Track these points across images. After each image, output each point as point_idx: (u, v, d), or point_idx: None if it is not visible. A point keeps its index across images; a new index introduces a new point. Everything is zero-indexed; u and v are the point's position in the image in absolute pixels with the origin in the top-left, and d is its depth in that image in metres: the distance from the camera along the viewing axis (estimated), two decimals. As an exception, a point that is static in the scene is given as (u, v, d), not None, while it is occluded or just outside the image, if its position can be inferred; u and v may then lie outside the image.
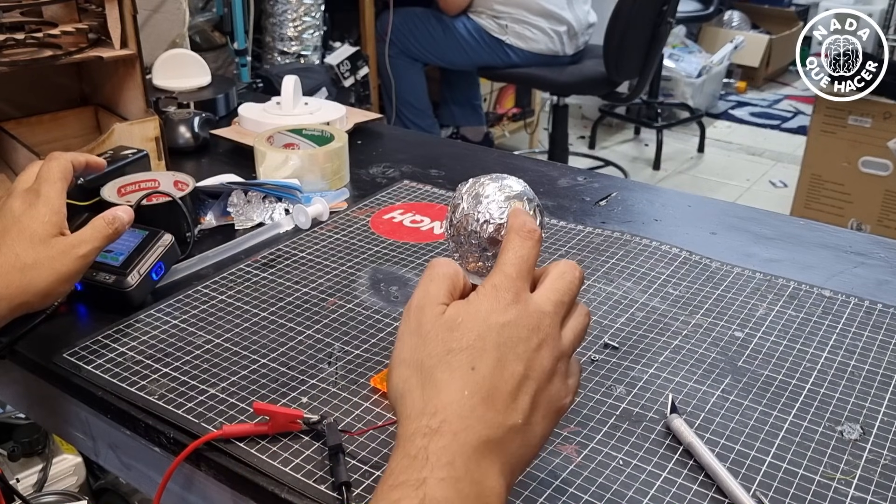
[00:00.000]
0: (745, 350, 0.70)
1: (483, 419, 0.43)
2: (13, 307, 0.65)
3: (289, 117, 1.14)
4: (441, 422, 0.43)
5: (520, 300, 0.47)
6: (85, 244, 0.67)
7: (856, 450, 0.59)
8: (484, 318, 0.46)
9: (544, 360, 0.46)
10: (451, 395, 0.44)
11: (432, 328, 0.46)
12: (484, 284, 0.48)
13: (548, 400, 0.46)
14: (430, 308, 0.47)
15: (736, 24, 4.70)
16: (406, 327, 0.48)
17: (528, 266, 0.48)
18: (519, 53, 2.80)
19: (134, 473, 0.72)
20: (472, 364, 0.45)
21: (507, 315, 0.46)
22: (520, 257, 0.48)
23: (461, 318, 0.46)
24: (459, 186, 0.60)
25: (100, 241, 0.68)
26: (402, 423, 0.45)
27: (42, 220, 0.66)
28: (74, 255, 0.66)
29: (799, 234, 0.92)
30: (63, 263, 0.65)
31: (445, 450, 0.42)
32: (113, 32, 0.97)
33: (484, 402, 0.44)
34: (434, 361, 0.45)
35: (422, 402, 0.44)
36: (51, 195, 0.67)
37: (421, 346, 0.46)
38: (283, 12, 2.52)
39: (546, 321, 0.47)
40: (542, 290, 0.48)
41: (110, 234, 0.69)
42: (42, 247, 0.65)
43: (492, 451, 0.43)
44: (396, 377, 0.47)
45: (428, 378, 0.45)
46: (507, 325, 0.46)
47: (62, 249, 0.65)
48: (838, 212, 2.72)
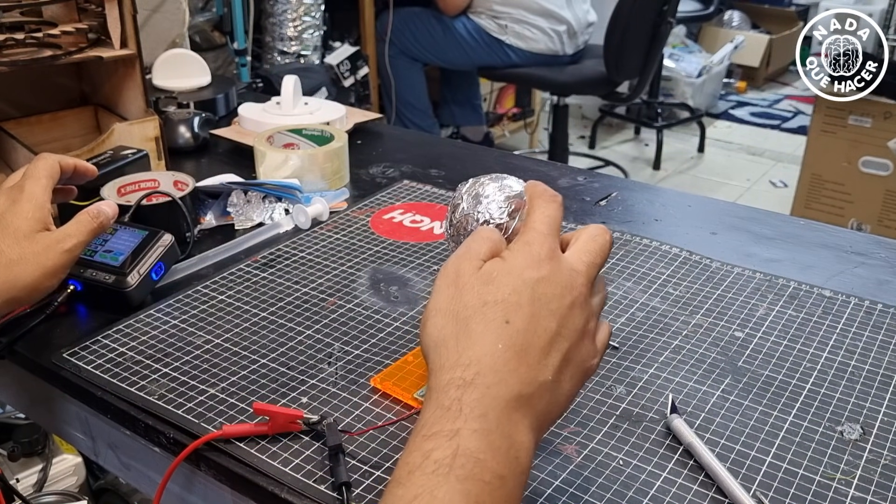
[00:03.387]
0: (746, 350, 0.70)
1: (516, 373, 0.44)
2: (1, 303, 0.65)
3: (289, 117, 1.14)
4: (475, 374, 0.44)
5: (553, 257, 0.48)
6: (70, 238, 0.67)
7: (856, 450, 0.59)
8: (519, 273, 0.46)
9: (576, 319, 0.47)
10: (485, 348, 0.45)
11: (469, 280, 0.47)
12: (517, 241, 0.49)
13: (577, 359, 0.47)
14: (468, 262, 0.48)
15: (736, 24, 4.70)
16: (444, 279, 0.48)
17: (557, 225, 0.50)
18: (519, 53, 2.80)
19: (134, 473, 0.72)
20: (506, 317, 0.45)
21: (541, 271, 0.47)
22: (548, 216, 0.50)
23: (497, 272, 0.47)
24: (459, 186, 0.60)
25: (84, 236, 0.68)
26: (435, 373, 0.46)
27: (26, 216, 0.66)
28: (60, 250, 0.66)
29: (799, 234, 0.92)
30: (48, 258, 0.66)
31: (479, 402, 0.43)
32: (113, 32, 0.97)
33: (517, 356, 0.44)
34: (469, 312, 0.46)
35: (456, 353, 0.45)
36: (35, 191, 0.68)
37: (457, 296, 0.47)
38: (283, 12, 2.52)
39: (579, 280, 0.48)
40: (574, 251, 0.49)
41: (95, 227, 0.69)
42: (27, 242, 0.65)
43: (522, 405, 0.44)
44: (431, 326, 0.47)
45: (463, 328, 0.46)
46: (541, 281, 0.46)
47: (47, 244, 0.66)
48: (838, 212, 2.72)
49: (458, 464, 0.41)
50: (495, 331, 0.45)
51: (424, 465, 0.41)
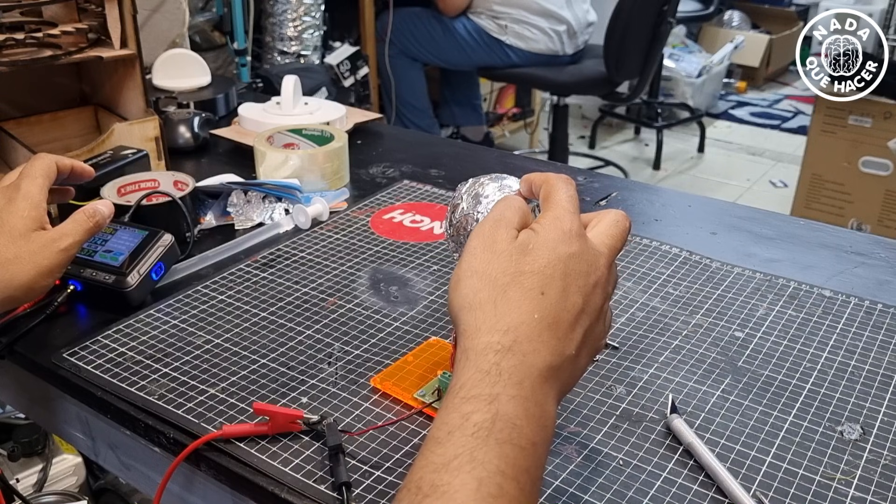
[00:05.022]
0: (746, 350, 0.70)
1: (548, 344, 0.45)
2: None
3: (289, 117, 1.14)
4: (513, 341, 0.45)
5: (582, 235, 0.49)
6: (66, 237, 0.67)
7: (856, 450, 0.59)
8: (553, 247, 0.48)
9: (597, 298, 0.49)
10: (522, 316, 0.46)
11: (506, 247, 0.48)
12: (545, 216, 0.50)
13: (594, 337, 0.49)
14: (504, 229, 0.49)
15: (736, 24, 4.70)
16: (479, 241, 0.49)
17: (578, 205, 0.51)
18: (519, 53, 2.80)
19: (134, 473, 0.72)
20: (541, 289, 0.46)
21: (572, 247, 0.48)
22: (571, 196, 0.51)
23: (532, 243, 0.48)
24: (459, 186, 0.60)
25: (80, 235, 0.68)
26: (471, 335, 0.46)
27: (21, 214, 0.66)
28: (55, 249, 0.66)
29: (799, 234, 0.92)
30: (44, 257, 0.65)
31: (517, 369, 0.44)
32: (113, 32, 0.97)
33: (549, 328, 0.46)
34: (508, 279, 0.47)
35: (494, 318, 0.46)
36: (31, 190, 0.67)
37: (494, 261, 0.48)
38: (283, 12, 2.52)
39: (601, 261, 0.49)
40: (597, 233, 0.51)
41: (91, 227, 0.69)
42: (22, 241, 0.65)
43: (552, 376, 0.45)
44: (466, 287, 0.48)
45: (501, 294, 0.46)
46: (572, 257, 0.48)
47: (43, 243, 0.66)
48: (839, 212, 2.72)
49: (498, 427, 0.42)
50: (532, 300, 0.46)
51: (464, 426, 0.42)
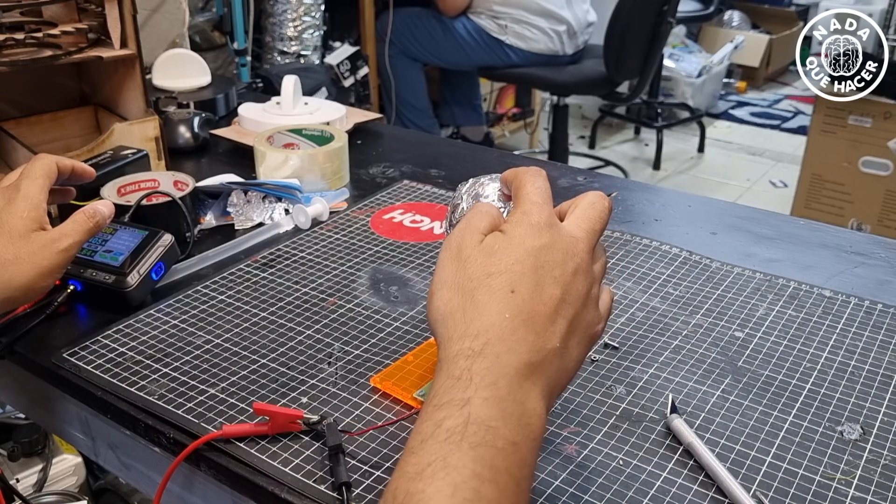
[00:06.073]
0: (745, 350, 0.70)
1: (524, 341, 0.45)
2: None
3: (289, 117, 1.14)
4: (484, 344, 0.44)
5: (552, 224, 0.48)
6: (66, 238, 0.67)
7: (856, 450, 0.59)
8: (520, 243, 0.47)
9: (579, 285, 0.48)
10: (492, 318, 0.45)
11: (472, 253, 0.48)
12: (513, 213, 0.50)
13: (583, 325, 0.48)
14: (470, 236, 0.49)
15: (736, 24, 4.70)
16: (447, 254, 0.49)
17: (549, 194, 0.50)
18: (519, 53, 2.80)
19: (134, 473, 0.72)
20: (511, 287, 0.46)
21: (542, 239, 0.47)
22: (538, 188, 0.50)
23: (499, 244, 0.48)
24: (459, 186, 0.60)
25: (80, 235, 0.68)
26: (444, 345, 0.46)
27: (21, 215, 0.66)
28: (55, 249, 0.66)
29: (799, 234, 0.92)
30: (44, 258, 0.65)
31: (489, 371, 0.44)
32: (113, 32, 0.97)
33: (524, 324, 0.45)
34: (475, 284, 0.47)
35: (464, 324, 0.46)
36: (30, 191, 0.67)
37: (461, 269, 0.48)
38: (283, 12, 2.52)
39: (580, 246, 0.48)
40: (573, 218, 0.50)
41: (91, 227, 0.69)
42: (22, 242, 0.65)
43: (532, 372, 0.45)
44: (438, 299, 0.48)
45: (469, 300, 0.46)
46: (542, 249, 0.47)
47: (42, 244, 0.65)
48: (838, 212, 2.72)
49: (471, 431, 0.42)
50: (501, 300, 0.46)
51: (437, 433, 0.42)
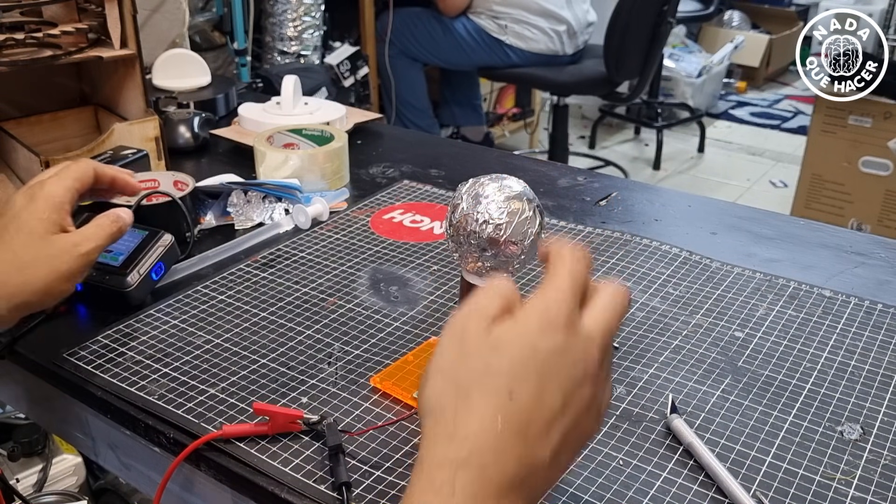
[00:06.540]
0: (746, 350, 0.70)
1: (513, 453, 0.41)
2: (12, 307, 0.63)
3: (289, 117, 1.14)
4: (469, 452, 0.41)
5: (571, 325, 0.43)
6: (87, 242, 0.64)
7: (856, 450, 0.59)
8: (530, 341, 0.42)
9: (584, 393, 0.43)
10: (483, 423, 0.41)
11: (475, 342, 0.43)
12: (532, 299, 0.44)
13: (578, 434, 0.44)
14: (476, 321, 0.44)
15: (736, 24, 4.70)
16: (449, 336, 0.45)
17: (583, 285, 0.45)
18: (519, 53, 2.80)
19: (134, 473, 0.72)
20: (510, 389, 0.42)
21: (555, 339, 0.42)
22: (573, 273, 0.45)
23: (506, 336, 0.43)
24: (459, 186, 0.60)
25: (103, 240, 0.66)
26: (428, 442, 0.43)
27: (40, 216, 0.63)
28: (75, 254, 0.63)
29: (799, 234, 0.92)
30: (63, 261, 0.63)
31: (471, 484, 0.41)
32: (113, 32, 0.97)
33: (516, 434, 0.41)
34: (472, 380, 0.42)
35: (453, 426, 0.42)
36: (54, 191, 0.64)
37: (461, 359, 0.43)
38: (283, 12, 2.52)
39: (593, 350, 0.44)
40: (593, 314, 0.45)
41: (113, 232, 0.67)
42: (41, 244, 0.62)
43: (517, 487, 0.41)
44: (430, 388, 0.44)
45: (463, 398, 0.42)
46: (553, 352, 0.42)
47: (62, 247, 0.63)
48: (838, 212, 2.72)
49: None
50: (496, 405, 0.41)
51: None
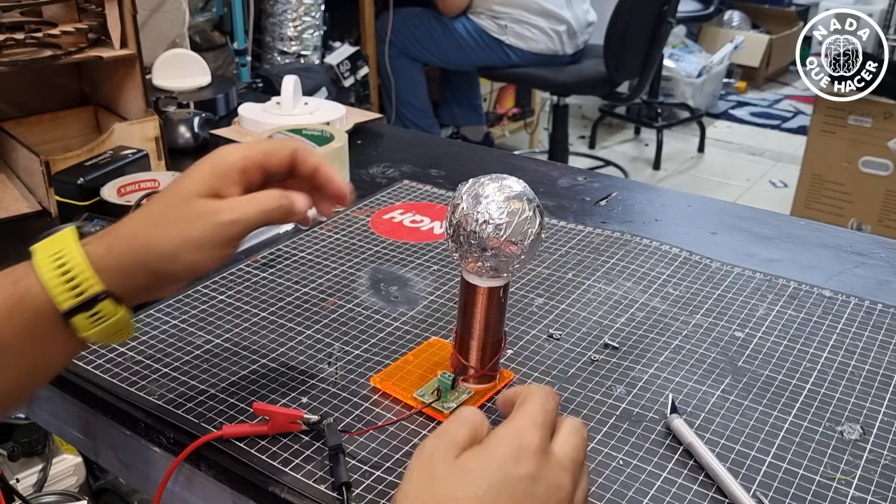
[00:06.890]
0: (745, 350, 0.70)
1: None
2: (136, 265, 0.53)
3: (289, 117, 1.14)
4: None
5: (543, 451, 0.43)
6: (229, 211, 0.53)
7: (856, 450, 0.59)
8: (500, 467, 0.42)
9: None
10: None
11: (442, 469, 0.42)
12: (502, 426, 0.44)
13: None
14: (444, 448, 0.43)
15: (736, 24, 4.70)
16: (417, 463, 0.44)
17: (552, 420, 0.45)
18: (519, 53, 2.80)
19: (134, 473, 0.72)
20: None
21: (527, 467, 0.42)
22: (544, 408, 0.45)
23: (474, 463, 0.42)
24: (459, 186, 0.60)
25: (250, 214, 0.53)
26: None
27: (197, 177, 0.54)
28: (212, 221, 0.52)
29: (799, 234, 0.92)
30: (195, 226, 0.52)
31: None
32: (113, 32, 0.97)
33: None
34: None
35: None
36: (225, 155, 0.55)
37: (427, 487, 0.42)
38: (283, 12, 2.52)
39: (565, 479, 0.43)
40: (560, 441, 0.45)
41: (269, 210, 0.54)
42: (182, 205, 0.53)
43: None
44: None
45: None
46: (524, 479, 0.42)
47: (199, 211, 0.53)
48: (838, 212, 2.72)
49: None
50: None
51: None
